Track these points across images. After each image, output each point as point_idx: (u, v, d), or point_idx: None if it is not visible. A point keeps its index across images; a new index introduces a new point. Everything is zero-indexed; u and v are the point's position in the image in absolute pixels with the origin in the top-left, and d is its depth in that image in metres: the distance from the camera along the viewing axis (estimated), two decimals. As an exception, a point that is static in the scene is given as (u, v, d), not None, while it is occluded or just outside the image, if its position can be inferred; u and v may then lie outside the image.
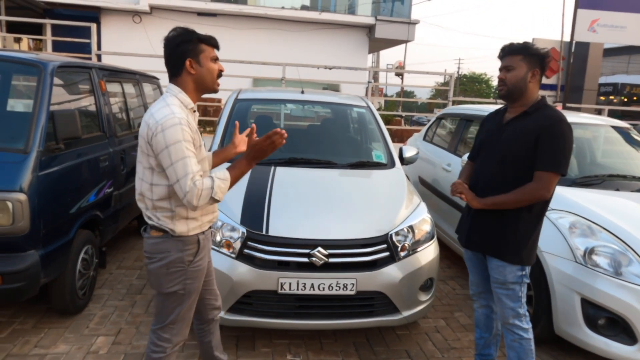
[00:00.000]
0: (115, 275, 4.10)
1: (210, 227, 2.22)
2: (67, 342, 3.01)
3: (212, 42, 2.04)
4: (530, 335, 2.45)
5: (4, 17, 9.07)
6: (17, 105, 3.41)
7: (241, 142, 2.40)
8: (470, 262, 2.72)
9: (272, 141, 2.05)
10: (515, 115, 2.45)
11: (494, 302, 2.62)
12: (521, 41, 2.44)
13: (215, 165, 2.39)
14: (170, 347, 2.13)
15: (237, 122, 2.42)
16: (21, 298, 2.80)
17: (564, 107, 10.01)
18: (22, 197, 2.66)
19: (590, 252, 2.95)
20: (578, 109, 11.11)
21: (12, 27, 13.82)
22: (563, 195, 3.32)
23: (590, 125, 4.46)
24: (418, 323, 3.54)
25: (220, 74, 2.08)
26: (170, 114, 1.88)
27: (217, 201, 1.96)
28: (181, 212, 2.01)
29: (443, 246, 4.98)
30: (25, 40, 20.15)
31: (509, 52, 2.42)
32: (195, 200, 1.87)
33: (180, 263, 2.04)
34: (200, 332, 2.48)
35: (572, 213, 3.17)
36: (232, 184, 2.02)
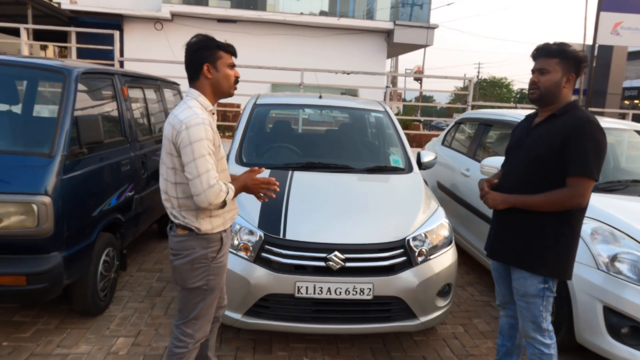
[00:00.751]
0: (135, 277, 4.17)
1: (230, 226, 2.30)
2: (88, 343, 3.07)
3: (230, 50, 2.15)
4: (552, 350, 2.34)
5: (31, 26, 9.33)
6: (43, 110, 3.51)
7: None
8: (496, 272, 2.62)
9: (262, 188, 2.20)
10: (542, 118, 2.36)
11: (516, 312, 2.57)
12: (558, 42, 2.30)
13: None
14: (192, 343, 2.21)
15: (263, 169, 2.33)
16: (45, 298, 2.86)
17: (587, 112, 9.81)
18: (46, 200, 2.73)
19: (613, 259, 2.88)
20: (601, 114, 10.90)
21: (38, 35, 14.22)
22: (585, 200, 3.25)
23: (614, 130, 4.37)
24: (436, 329, 3.51)
25: (237, 80, 2.18)
26: (194, 114, 2.00)
27: (223, 206, 2.06)
28: (205, 210, 2.09)
29: (462, 252, 4.94)
30: (51, 48, 20.72)
31: (545, 54, 2.28)
32: (213, 197, 1.97)
33: (204, 259, 2.13)
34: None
35: (594, 219, 3.11)
36: (233, 198, 2.13)
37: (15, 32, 8.55)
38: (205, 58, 2.08)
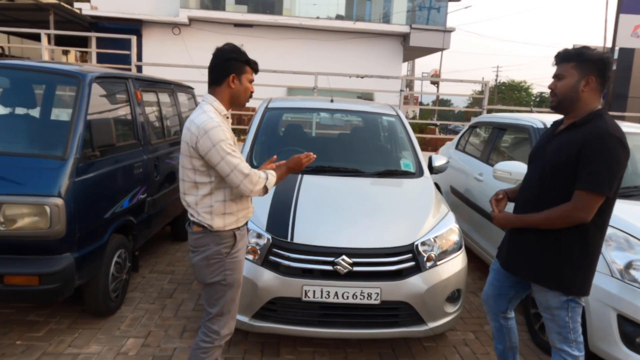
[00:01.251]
0: (147, 279, 4.21)
1: (246, 223, 2.38)
2: (99, 343, 3.11)
3: (255, 67, 2.31)
4: None
5: (51, 31, 9.55)
6: (56, 114, 3.58)
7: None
8: (494, 273, 2.58)
9: (303, 161, 2.39)
10: (565, 126, 2.25)
11: (500, 315, 2.59)
12: (578, 46, 2.22)
13: None
14: (218, 339, 2.30)
15: (275, 157, 2.58)
16: (56, 298, 2.91)
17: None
18: (59, 201, 2.78)
19: (627, 266, 2.81)
20: (622, 118, 10.68)
21: (61, 40, 14.55)
22: (599, 206, 3.18)
23: (632, 134, 4.28)
24: (446, 335, 3.47)
25: (251, 94, 2.35)
26: (209, 118, 2.12)
27: (267, 191, 2.23)
28: (219, 209, 2.22)
29: (474, 257, 4.88)
30: (73, 53, 21.18)
31: (562, 59, 2.22)
32: (252, 185, 2.13)
33: (218, 255, 2.24)
34: None
35: (609, 225, 3.04)
36: (276, 182, 2.30)
37: (38, 38, 8.75)
38: (234, 69, 2.21)
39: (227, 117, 2.28)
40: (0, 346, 3.00)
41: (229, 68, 2.20)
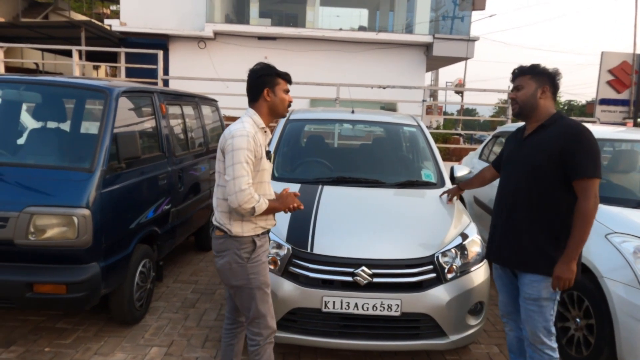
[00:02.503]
0: (171, 288, 4.28)
1: (264, 233, 2.43)
2: (123, 351, 3.18)
3: (287, 78, 2.45)
4: (557, 354, 2.43)
5: (82, 47, 9.89)
6: (86, 127, 3.70)
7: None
8: (500, 280, 2.70)
9: (291, 207, 2.41)
10: (531, 130, 2.52)
11: (521, 323, 2.58)
12: (530, 63, 2.55)
13: None
14: (262, 339, 2.41)
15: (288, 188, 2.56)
16: (83, 306, 3.00)
17: (635, 124, 9.35)
18: (86, 212, 2.87)
19: (657, 279, 2.73)
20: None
21: (91, 56, 15.04)
22: (627, 217, 3.11)
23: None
24: (469, 349, 3.41)
25: (289, 104, 2.48)
26: (242, 127, 2.28)
27: (253, 213, 2.26)
28: (237, 213, 2.29)
29: (499, 269, 4.79)
30: (103, 68, 21.85)
31: (519, 74, 2.53)
32: (242, 200, 2.19)
33: (239, 259, 2.33)
34: (227, 333, 2.61)
35: (638, 237, 2.96)
36: (266, 212, 2.32)
37: (70, 54, 9.08)
38: (266, 83, 2.37)
39: (265, 131, 2.42)
40: (30, 353, 3.09)
41: (262, 84, 2.37)
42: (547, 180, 2.38)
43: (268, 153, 2.40)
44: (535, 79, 2.48)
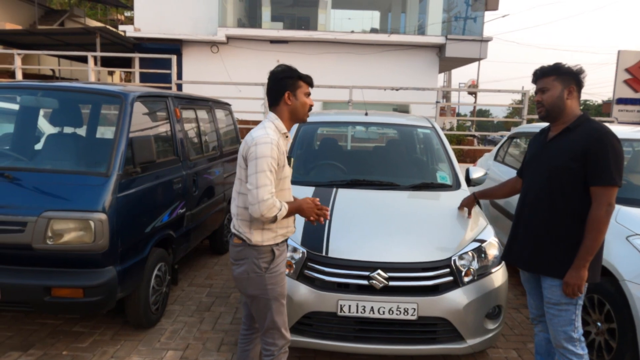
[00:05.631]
0: (186, 292, 4.30)
1: (284, 241, 2.40)
2: (139, 355, 3.19)
3: (309, 80, 2.38)
4: None
5: (97, 53, 10.02)
6: (102, 131, 3.74)
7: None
8: (527, 283, 2.67)
9: (314, 212, 2.36)
10: (557, 132, 2.46)
11: None
12: (552, 63, 2.47)
13: None
14: (277, 349, 2.38)
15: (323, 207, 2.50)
16: (100, 310, 3.01)
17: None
18: (102, 217, 2.89)
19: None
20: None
21: (106, 62, 15.24)
22: (649, 219, 3.03)
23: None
24: (487, 353, 3.36)
25: (310, 107, 2.41)
26: (265, 134, 2.21)
27: (275, 221, 2.22)
28: (258, 222, 2.26)
29: (516, 272, 4.71)
30: (118, 73, 22.13)
31: (541, 75, 2.46)
32: (265, 210, 2.13)
33: (258, 269, 2.29)
34: (244, 339, 2.59)
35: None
36: (286, 216, 2.28)
37: (86, 60, 9.20)
38: (287, 86, 2.30)
39: (287, 136, 2.36)
40: (48, 356, 3.12)
41: (283, 87, 2.29)
42: (569, 184, 2.34)
43: (288, 159, 2.36)
44: (560, 80, 2.41)
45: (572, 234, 2.34)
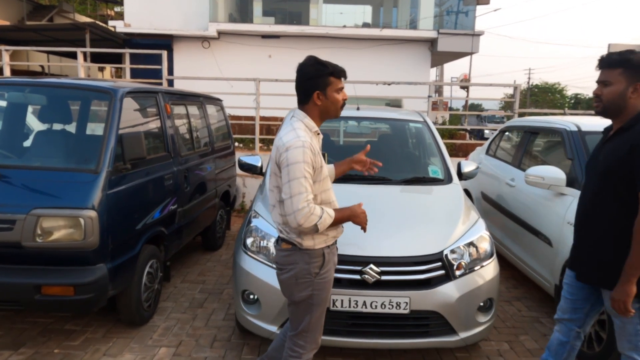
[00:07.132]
0: (179, 288, 4.28)
1: (335, 242, 2.34)
2: (132, 352, 3.17)
3: (341, 75, 2.23)
4: None
5: (87, 49, 9.90)
6: (92, 128, 3.70)
7: (359, 162, 2.63)
8: (570, 287, 2.46)
9: (366, 219, 2.34)
10: (614, 131, 2.25)
11: (573, 331, 2.46)
12: (623, 50, 2.16)
13: (337, 175, 2.64)
14: (304, 354, 2.29)
15: (368, 146, 2.63)
16: (91, 308, 2.99)
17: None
18: (92, 214, 2.87)
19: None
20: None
21: (96, 58, 15.08)
22: None
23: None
24: (479, 346, 3.38)
25: (344, 103, 2.26)
26: (296, 137, 2.08)
27: (317, 230, 2.11)
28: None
29: (509, 265, 4.75)
30: (108, 69, 21.93)
31: (607, 65, 2.18)
32: (302, 220, 2.03)
33: (307, 274, 2.20)
34: (281, 342, 2.52)
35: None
36: (333, 224, 2.18)
37: (75, 56, 9.09)
38: (317, 86, 2.17)
39: (318, 133, 2.25)
40: (40, 354, 3.10)
41: (311, 87, 2.17)
42: (621, 188, 2.12)
43: (323, 155, 2.24)
44: (626, 74, 2.11)
45: (627, 243, 2.09)
